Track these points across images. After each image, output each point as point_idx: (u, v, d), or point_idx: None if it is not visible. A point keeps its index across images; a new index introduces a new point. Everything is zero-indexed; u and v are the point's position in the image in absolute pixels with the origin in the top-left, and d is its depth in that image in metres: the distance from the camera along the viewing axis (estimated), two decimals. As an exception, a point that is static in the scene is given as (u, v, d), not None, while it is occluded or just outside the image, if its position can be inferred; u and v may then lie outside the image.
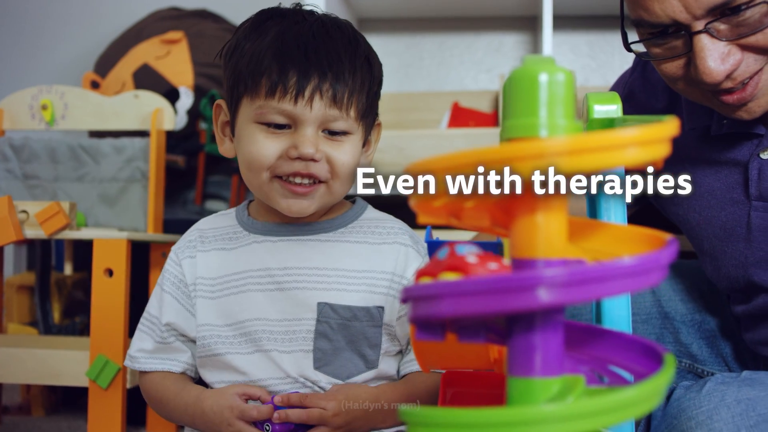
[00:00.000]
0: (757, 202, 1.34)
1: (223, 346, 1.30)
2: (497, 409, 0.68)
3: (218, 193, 2.56)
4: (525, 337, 0.73)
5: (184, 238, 1.39)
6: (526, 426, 0.66)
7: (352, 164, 1.26)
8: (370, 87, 1.27)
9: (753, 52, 1.19)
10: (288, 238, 1.31)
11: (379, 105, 2.65)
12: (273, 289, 1.29)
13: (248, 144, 1.24)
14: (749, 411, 1.17)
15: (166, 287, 1.35)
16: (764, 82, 1.22)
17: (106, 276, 1.83)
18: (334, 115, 1.21)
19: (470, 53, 2.89)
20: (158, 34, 2.60)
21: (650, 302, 1.61)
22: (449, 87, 2.88)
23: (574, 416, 0.67)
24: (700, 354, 1.58)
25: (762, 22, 1.15)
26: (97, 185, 2.21)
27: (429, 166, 0.72)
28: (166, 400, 1.33)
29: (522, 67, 0.73)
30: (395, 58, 2.90)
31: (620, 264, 0.68)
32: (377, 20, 2.86)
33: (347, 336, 1.28)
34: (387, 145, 2.35)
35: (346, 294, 1.28)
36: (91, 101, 2.21)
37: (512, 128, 0.72)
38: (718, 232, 1.41)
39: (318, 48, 1.21)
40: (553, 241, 0.72)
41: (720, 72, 1.18)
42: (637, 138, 0.68)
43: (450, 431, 0.69)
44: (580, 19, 2.80)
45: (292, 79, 1.19)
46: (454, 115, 2.61)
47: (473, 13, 2.83)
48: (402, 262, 1.32)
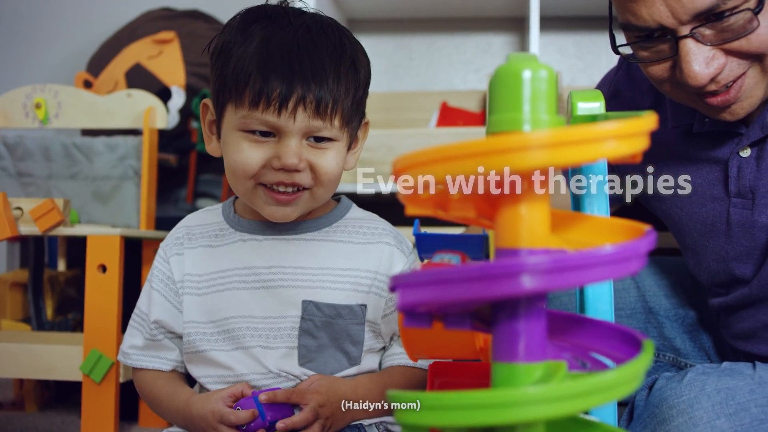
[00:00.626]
0: (736, 199, 1.37)
1: (207, 343, 1.32)
2: (482, 392, 0.70)
3: (209, 192, 2.59)
4: (509, 324, 0.75)
5: (172, 236, 1.40)
6: (511, 407, 0.69)
7: (336, 170, 1.27)
8: (355, 92, 1.27)
9: (736, 56, 1.22)
10: (273, 236, 1.33)
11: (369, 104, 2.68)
12: (258, 287, 1.31)
13: (233, 152, 1.25)
14: (728, 400, 1.20)
15: (155, 284, 1.37)
16: (747, 86, 1.25)
17: (100, 272, 1.85)
18: (318, 125, 1.22)
19: (459, 54, 2.91)
20: (150, 34, 2.62)
21: (635, 297, 1.65)
22: (438, 87, 2.91)
23: (556, 398, 0.69)
24: (684, 348, 1.62)
25: (745, 27, 1.19)
26: (91, 183, 2.23)
27: (415, 158, 0.73)
28: (158, 401, 1.36)
29: (506, 65, 0.76)
30: (385, 59, 2.92)
31: (600, 252, 0.70)
32: (367, 21, 2.89)
33: (331, 333, 1.30)
34: (377, 143, 2.38)
35: (331, 292, 1.30)
36: (84, 100, 2.22)
37: (497, 123, 0.75)
38: (699, 228, 1.44)
39: (302, 58, 1.21)
40: (536, 231, 0.75)
41: (705, 75, 1.21)
42: (616, 132, 0.70)
43: (436, 413, 0.71)
44: (567, 20, 2.83)
45: (275, 90, 1.19)
46: (443, 114, 2.64)
47: (462, 15, 2.86)
48: (386, 261, 1.34)
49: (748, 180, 1.36)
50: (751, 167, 1.35)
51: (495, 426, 0.74)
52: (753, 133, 1.34)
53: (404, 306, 0.77)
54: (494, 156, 0.69)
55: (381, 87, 2.90)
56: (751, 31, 1.19)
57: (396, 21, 2.89)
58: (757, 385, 1.23)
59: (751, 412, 1.20)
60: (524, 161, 0.69)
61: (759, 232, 1.36)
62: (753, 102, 1.28)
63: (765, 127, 1.32)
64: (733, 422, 1.18)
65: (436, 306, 0.78)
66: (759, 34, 1.19)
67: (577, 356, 0.84)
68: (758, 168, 1.35)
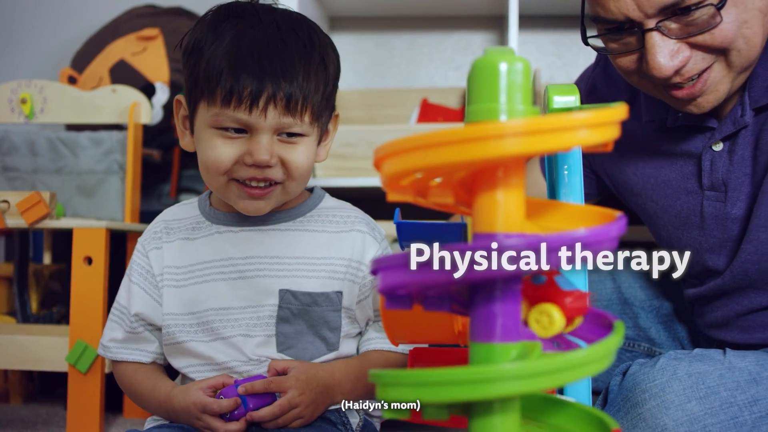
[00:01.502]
0: (709, 192, 1.41)
1: (185, 335, 1.34)
2: (461, 369, 0.74)
3: (192, 187, 2.61)
4: (486, 305, 0.78)
5: (150, 230, 1.42)
6: (488, 383, 0.72)
7: (307, 164, 1.30)
8: (325, 88, 1.29)
9: (701, 50, 1.27)
10: (249, 228, 1.36)
11: (351, 100, 2.72)
12: (236, 277, 1.34)
13: (206, 148, 1.27)
14: (699, 384, 1.24)
15: (134, 279, 1.39)
16: (713, 80, 1.30)
17: (86, 264, 1.88)
18: (289, 122, 1.24)
19: (439, 51, 2.94)
20: (134, 30, 2.64)
21: (611, 289, 1.68)
22: (419, 84, 2.93)
23: (531, 374, 0.72)
24: (658, 337, 1.65)
25: (709, 22, 1.23)
26: (76, 177, 2.26)
27: (397, 146, 0.76)
28: (140, 394, 1.38)
29: (484, 57, 0.79)
30: (366, 56, 2.95)
31: (574, 234, 0.74)
32: (349, 19, 2.91)
33: (308, 320, 1.33)
34: (358, 139, 2.41)
35: (306, 280, 1.33)
36: (69, 95, 2.24)
37: (474, 113, 0.78)
38: (674, 221, 1.48)
39: (272, 56, 1.23)
40: (512, 216, 0.78)
41: (669, 67, 1.26)
42: (588, 121, 0.74)
43: (417, 390, 0.75)
44: (545, 18, 2.86)
45: (246, 89, 1.21)
46: (423, 110, 2.66)
47: (442, 13, 2.88)
48: (359, 248, 1.37)
49: (720, 173, 1.40)
50: (724, 161, 1.39)
51: (473, 401, 0.78)
52: (725, 127, 1.38)
53: (385, 288, 0.80)
54: (472, 144, 0.73)
55: (362, 84, 2.93)
56: (715, 26, 1.23)
57: (377, 19, 2.92)
58: (727, 370, 1.27)
59: (720, 395, 1.24)
60: (501, 149, 0.72)
61: (731, 224, 1.40)
62: (718, 96, 1.32)
63: (737, 122, 1.37)
64: (703, 405, 1.23)
65: (416, 288, 0.81)
66: (722, 29, 1.24)
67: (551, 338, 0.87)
68: (731, 161, 1.39)
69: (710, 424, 1.22)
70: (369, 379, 0.82)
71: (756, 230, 1.37)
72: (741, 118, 1.36)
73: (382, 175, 0.80)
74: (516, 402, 0.80)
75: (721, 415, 1.23)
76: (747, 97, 1.35)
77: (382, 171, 0.79)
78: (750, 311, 1.43)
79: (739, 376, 1.26)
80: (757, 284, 1.41)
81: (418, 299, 0.83)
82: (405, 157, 0.75)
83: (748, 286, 1.42)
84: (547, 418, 0.88)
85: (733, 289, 1.44)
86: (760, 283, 1.40)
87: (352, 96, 2.75)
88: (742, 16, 1.24)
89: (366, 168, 2.43)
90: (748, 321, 1.44)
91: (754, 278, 1.40)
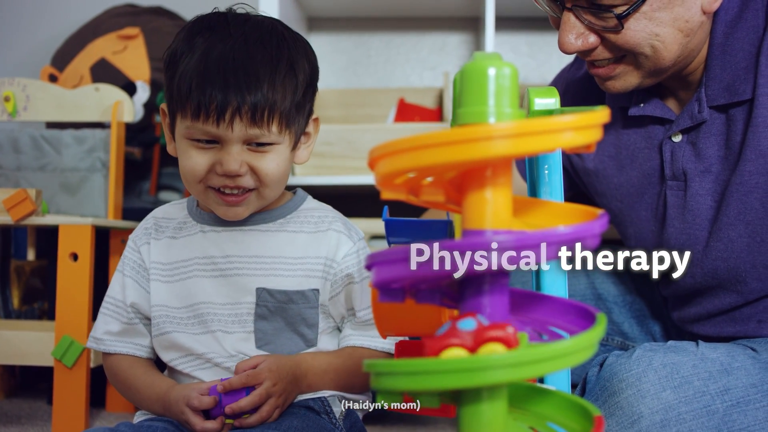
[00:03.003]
0: (671, 182, 1.48)
1: (172, 325, 1.39)
2: (452, 359, 0.77)
3: (172, 185, 2.63)
4: (475, 298, 0.82)
5: (141, 226, 1.48)
6: (480, 372, 0.75)
7: (278, 171, 1.34)
8: (293, 96, 1.33)
9: (607, 45, 1.37)
10: (231, 228, 1.41)
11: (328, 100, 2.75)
12: (217, 275, 1.39)
13: (183, 157, 1.33)
14: (673, 374, 1.29)
15: (127, 272, 1.44)
16: (622, 70, 1.41)
17: (71, 260, 1.90)
18: (256, 133, 1.29)
19: (416, 52, 2.98)
20: (115, 29, 2.65)
21: (585, 284, 1.73)
22: (395, 84, 2.97)
23: (519, 363, 0.76)
24: (631, 332, 1.70)
25: (614, 26, 1.33)
26: (59, 174, 2.27)
27: (391, 147, 0.80)
28: (135, 388, 1.41)
29: (473, 62, 0.83)
30: (344, 56, 2.98)
31: (558, 231, 0.78)
32: (327, 19, 2.94)
33: (285, 317, 1.38)
34: (337, 138, 2.44)
35: (283, 279, 1.37)
36: (52, 93, 2.26)
37: (463, 115, 0.81)
38: (641, 215, 1.54)
39: (237, 70, 1.27)
40: (500, 214, 0.82)
41: (570, 46, 1.37)
42: (573, 123, 0.78)
43: (410, 378, 0.78)
44: (520, 20, 2.90)
45: (212, 103, 1.26)
46: (400, 110, 2.70)
47: (419, 14, 2.91)
48: (334, 246, 1.41)
49: (680, 163, 1.47)
50: (684, 151, 1.47)
51: (463, 389, 0.81)
52: (682, 121, 1.46)
53: (379, 282, 0.84)
54: (463, 145, 0.76)
55: (340, 83, 2.96)
56: (618, 31, 1.33)
57: (355, 19, 2.95)
58: (700, 360, 1.32)
59: (693, 384, 1.29)
60: (490, 150, 0.76)
61: (696, 218, 1.46)
62: (626, 85, 1.43)
63: (694, 118, 1.44)
64: (677, 394, 1.28)
65: (409, 282, 0.84)
66: (624, 35, 1.34)
67: (536, 329, 0.91)
68: (693, 153, 1.46)
69: (684, 412, 1.27)
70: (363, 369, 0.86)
71: (726, 228, 1.42)
72: (698, 114, 1.43)
73: (376, 174, 0.83)
74: (504, 390, 0.83)
75: (694, 404, 1.28)
76: (703, 94, 1.43)
77: (377, 170, 0.82)
78: (721, 311, 1.49)
79: (711, 367, 1.32)
80: (726, 284, 1.46)
81: (411, 293, 0.87)
82: (399, 158, 0.79)
83: (718, 286, 1.47)
84: (531, 406, 0.91)
85: (704, 288, 1.49)
86: (729, 284, 1.45)
87: (329, 95, 2.79)
88: (653, 29, 1.33)
89: (344, 166, 2.47)
90: (720, 318, 1.50)
91: (723, 277, 1.45)
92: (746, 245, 1.42)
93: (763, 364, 1.35)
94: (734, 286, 1.45)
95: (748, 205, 1.41)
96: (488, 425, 0.81)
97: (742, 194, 1.41)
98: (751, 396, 1.31)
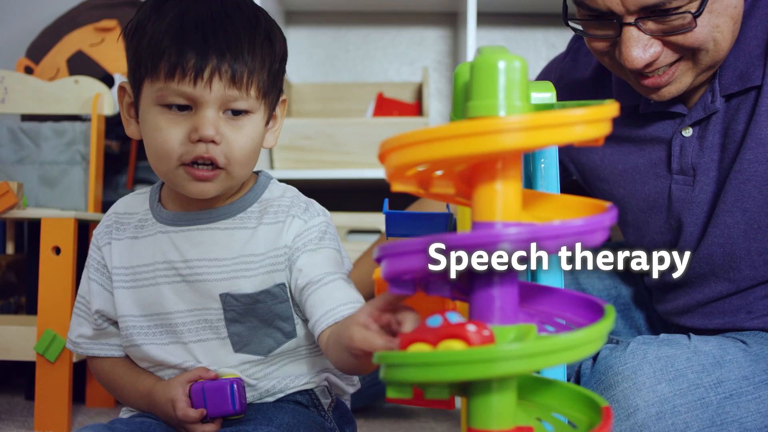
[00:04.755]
0: (677, 176, 1.49)
1: (141, 337, 1.33)
2: (464, 350, 0.78)
3: (148, 178, 2.61)
4: (485, 290, 0.83)
5: (103, 224, 1.40)
6: (492, 363, 0.76)
7: (251, 147, 1.27)
8: (271, 64, 1.28)
9: (672, 47, 1.36)
10: (188, 228, 1.33)
11: (307, 94, 2.75)
12: (179, 281, 1.31)
13: (153, 130, 1.24)
14: (668, 367, 1.32)
15: (92, 274, 1.38)
16: (679, 73, 1.39)
17: (54, 254, 1.89)
18: (234, 95, 1.22)
19: (393, 46, 2.98)
20: (92, 22, 2.63)
21: (569, 280, 1.75)
22: (373, 78, 2.97)
23: (532, 354, 0.76)
24: (616, 326, 1.72)
25: (684, 26, 1.32)
26: (38, 167, 2.26)
27: (403, 140, 0.80)
28: (120, 388, 1.37)
29: (482, 56, 0.83)
30: (322, 50, 2.98)
31: (572, 224, 0.79)
32: (305, 13, 2.94)
33: (258, 316, 1.31)
34: (317, 132, 2.45)
35: (245, 281, 1.30)
36: (30, 86, 2.24)
37: (474, 108, 0.82)
38: (641, 204, 1.56)
39: (216, 28, 1.21)
40: (510, 206, 0.83)
41: (640, 60, 1.35)
42: (585, 117, 0.79)
43: (423, 370, 0.79)
44: (498, 15, 2.91)
45: (190, 61, 1.19)
46: (379, 105, 2.70)
47: (396, 8, 2.92)
48: (292, 233, 1.32)
49: (690, 158, 1.48)
50: (694, 146, 1.48)
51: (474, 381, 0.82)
52: (695, 113, 1.47)
53: (391, 274, 0.84)
54: (476, 137, 0.77)
55: (318, 77, 2.96)
56: (689, 30, 1.32)
57: (333, 14, 2.95)
58: (693, 353, 1.34)
59: (688, 377, 1.31)
60: (503, 143, 0.76)
61: (697, 207, 1.48)
62: (680, 87, 1.42)
63: (707, 108, 1.46)
64: (672, 387, 1.30)
65: (420, 274, 0.84)
66: (695, 32, 1.33)
67: (543, 321, 0.92)
68: (701, 147, 1.47)
69: (679, 405, 1.29)
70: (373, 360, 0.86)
71: (723, 214, 1.45)
72: (711, 104, 1.45)
73: (387, 166, 0.83)
74: (513, 381, 0.84)
75: (688, 396, 1.30)
76: (717, 84, 1.45)
77: (388, 162, 0.83)
78: (711, 300, 1.51)
79: (704, 360, 1.34)
80: (719, 271, 1.48)
81: (421, 285, 0.88)
82: (411, 150, 0.79)
83: (710, 273, 1.49)
84: (537, 397, 0.92)
85: (696, 276, 1.51)
86: (722, 270, 1.48)
87: (307, 89, 2.79)
88: (714, 21, 1.33)
89: (323, 160, 2.47)
90: (709, 308, 1.52)
91: (718, 263, 1.48)
92: (743, 231, 1.45)
93: (754, 357, 1.38)
94: (727, 273, 1.48)
95: (745, 192, 1.43)
96: (498, 416, 0.82)
97: (740, 182, 1.43)
98: (743, 388, 1.33)
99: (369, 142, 2.47)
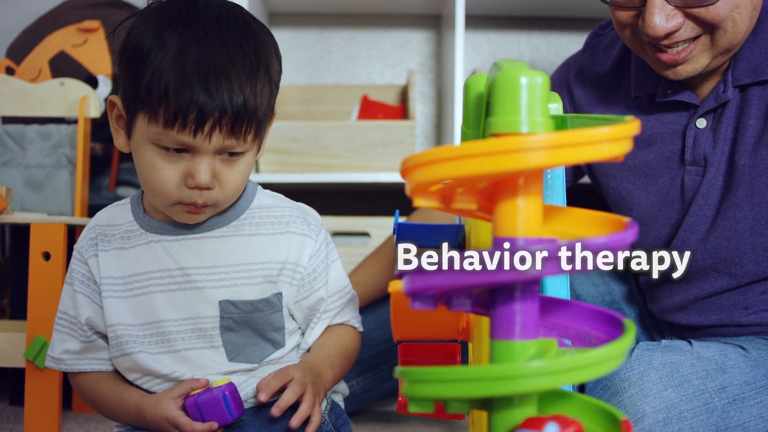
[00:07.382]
0: (690, 167, 1.53)
1: (135, 345, 1.32)
2: (488, 366, 0.78)
3: (130, 180, 2.60)
4: (506, 305, 0.83)
5: (85, 236, 1.38)
6: (514, 380, 0.77)
7: (243, 180, 1.29)
8: (269, 100, 1.27)
9: (693, 21, 1.40)
10: (183, 236, 1.33)
11: (290, 96, 2.74)
12: (175, 289, 1.31)
13: (149, 168, 1.23)
14: (673, 373, 1.34)
15: (77, 287, 1.36)
16: (697, 50, 1.44)
17: (43, 259, 1.87)
18: (232, 144, 1.22)
19: (377, 48, 2.98)
20: (74, 22, 2.60)
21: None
22: (357, 81, 2.96)
23: (555, 372, 0.77)
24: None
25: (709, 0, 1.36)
26: (24, 171, 2.23)
27: (426, 157, 0.81)
28: (105, 404, 1.36)
29: (503, 72, 0.84)
30: (305, 52, 2.97)
31: (596, 241, 0.79)
32: (288, 15, 2.93)
33: (252, 325, 1.33)
34: (302, 135, 2.45)
35: (246, 288, 1.31)
36: (15, 87, 2.22)
37: (496, 124, 0.82)
38: (653, 199, 1.59)
39: (219, 78, 1.18)
40: (531, 221, 0.83)
41: (662, 28, 1.39)
42: (611, 135, 0.79)
43: (446, 386, 0.79)
44: (482, 18, 2.91)
45: (192, 114, 1.17)
46: (364, 107, 2.70)
47: (380, 11, 2.91)
48: (296, 250, 1.34)
49: (702, 148, 1.52)
50: (707, 137, 1.52)
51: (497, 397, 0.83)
52: (707, 103, 1.51)
53: (415, 290, 0.84)
54: (501, 156, 0.77)
55: (301, 79, 2.95)
56: (711, 4, 1.37)
57: (316, 15, 2.94)
58: (696, 359, 1.37)
59: (693, 383, 1.34)
60: (528, 161, 0.77)
61: (707, 199, 1.51)
62: (696, 67, 1.46)
63: (719, 98, 1.50)
64: (678, 393, 1.32)
65: (444, 290, 0.85)
66: (717, 7, 1.37)
67: (561, 335, 0.93)
68: (714, 138, 1.51)
69: (685, 410, 1.31)
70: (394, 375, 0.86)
71: (732, 208, 1.48)
72: (723, 93, 1.49)
73: (409, 182, 0.84)
74: (534, 396, 0.85)
75: (694, 402, 1.32)
76: (730, 75, 1.49)
77: (411, 179, 0.83)
78: (709, 295, 1.54)
79: (707, 365, 1.37)
80: (721, 266, 1.51)
81: (442, 300, 0.88)
82: (435, 167, 0.80)
83: (712, 267, 1.52)
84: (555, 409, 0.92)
85: (696, 271, 1.54)
86: (725, 265, 1.51)
87: (291, 91, 2.78)
88: (735, 1, 1.37)
89: (309, 164, 2.47)
90: (705, 304, 1.55)
91: (722, 257, 1.51)
92: (750, 226, 1.49)
93: (754, 362, 1.40)
94: (729, 268, 1.51)
95: (755, 188, 1.48)
96: (519, 430, 0.83)
97: (752, 177, 1.47)
98: (746, 393, 1.36)
99: (355, 145, 2.47)
